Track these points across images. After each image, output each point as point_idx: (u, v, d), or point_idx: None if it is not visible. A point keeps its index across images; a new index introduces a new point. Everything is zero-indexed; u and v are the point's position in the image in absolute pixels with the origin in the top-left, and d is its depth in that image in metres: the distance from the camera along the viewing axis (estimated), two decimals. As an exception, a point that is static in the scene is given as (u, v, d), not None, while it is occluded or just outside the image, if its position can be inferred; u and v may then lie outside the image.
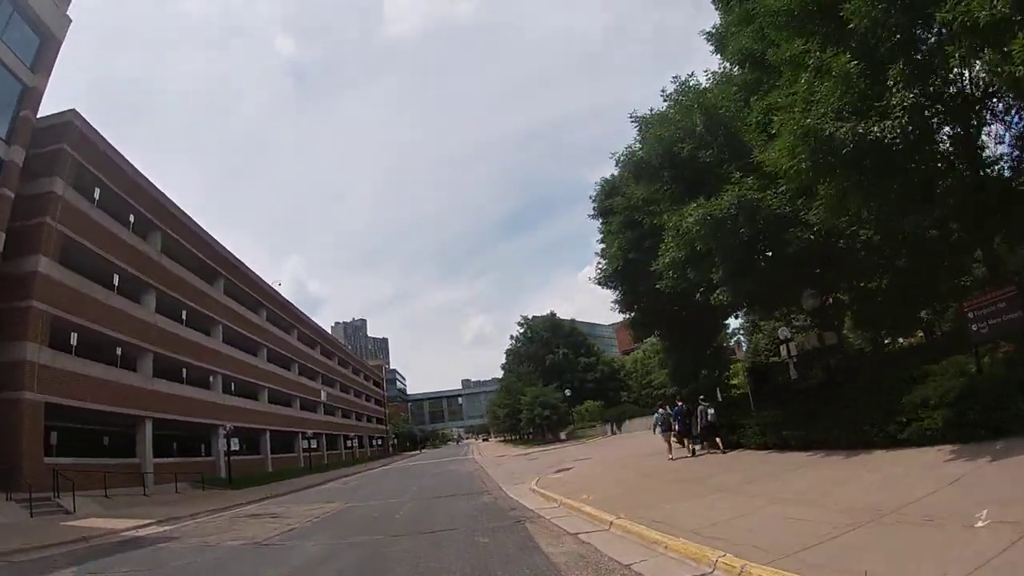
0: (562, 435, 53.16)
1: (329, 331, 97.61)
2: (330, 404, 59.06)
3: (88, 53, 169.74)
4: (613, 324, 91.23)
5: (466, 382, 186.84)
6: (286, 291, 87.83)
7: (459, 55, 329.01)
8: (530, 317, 70.66)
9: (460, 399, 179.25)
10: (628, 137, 33.31)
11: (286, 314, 52.12)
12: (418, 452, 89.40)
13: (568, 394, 53.19)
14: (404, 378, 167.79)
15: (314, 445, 48.06)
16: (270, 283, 49.43)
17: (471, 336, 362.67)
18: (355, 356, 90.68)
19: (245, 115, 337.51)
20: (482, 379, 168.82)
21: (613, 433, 48.07)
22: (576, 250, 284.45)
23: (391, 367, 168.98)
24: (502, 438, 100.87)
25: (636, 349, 62.74)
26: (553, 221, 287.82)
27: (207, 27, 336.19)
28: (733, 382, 28.27)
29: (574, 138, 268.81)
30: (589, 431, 52.01)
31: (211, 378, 35.84)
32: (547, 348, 65.15)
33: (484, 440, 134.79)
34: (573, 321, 73.11)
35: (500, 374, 78.25)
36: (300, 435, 47.80)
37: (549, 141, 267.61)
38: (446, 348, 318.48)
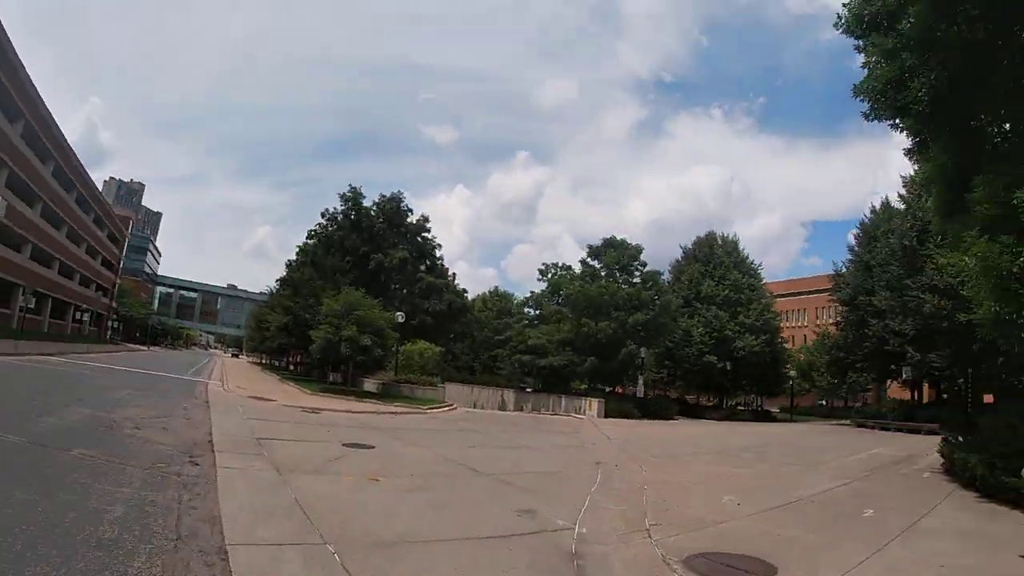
0: (370, 384, 38.07)
1: (100, 187, 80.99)
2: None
3: None
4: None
5: (232, 287, 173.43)
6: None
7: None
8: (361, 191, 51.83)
9: (220, 299, 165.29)
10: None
11: None
12: (146, 348, 76.22)
13: (401, 320, 35.19)
14: (159, 254, 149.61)
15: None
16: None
17: (250, 245, 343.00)
18: (97, 191, 67.60)
19: None
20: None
21: (481, 408, 34.13)
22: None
23: (156, 244, 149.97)
24: (258, 359, 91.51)
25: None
26: (375, 155, 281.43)
27: None
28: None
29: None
30: (422, 391, 34.13)
31: None
32: (377, 243, 48.94)
33: (234, 356, 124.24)
34: (425, 221, 53.46)
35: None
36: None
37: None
38: (223, 251, 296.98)
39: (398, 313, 35.33)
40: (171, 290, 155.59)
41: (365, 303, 31.81)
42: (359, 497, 8.24)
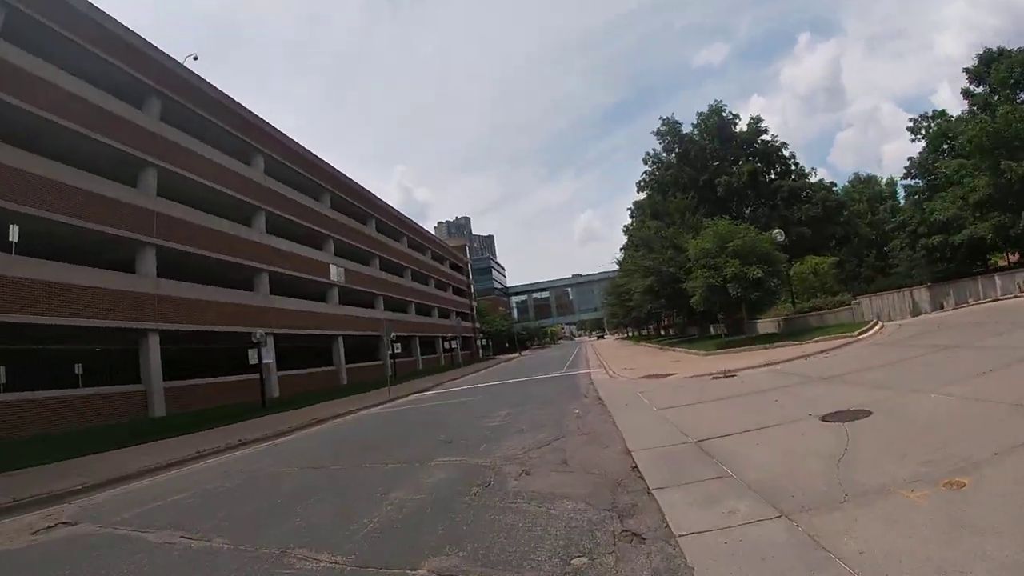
0: (765, 325, 31.33)
1: (432, 232, 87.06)
2: (364, 289, 44.63)
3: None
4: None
5: (576, 276, 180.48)
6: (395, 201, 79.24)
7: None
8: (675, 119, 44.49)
9: (570, 290, 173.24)
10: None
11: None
12: (516, 355, 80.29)
13: (781, 238, 27.95)
14: (503, 269, 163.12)
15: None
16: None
17: (579, 233, 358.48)
18: (424, 231, 71.45)
19: (337, 32, 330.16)
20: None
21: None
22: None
23: (498, 261, 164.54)
24: (624, 334, 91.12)
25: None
26: (655, 110, 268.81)
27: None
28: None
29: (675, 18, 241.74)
30: (833, 315, 26.44)
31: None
32: (714, 166, 41.85)
33: (599, 338, 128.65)
34: (758, 123, 42.85)
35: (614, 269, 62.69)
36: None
37: (649, 24, 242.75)
38: (556, 246, 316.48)
39: (775, 231, 28.05)
40: (524, 296, 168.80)
41: (738, 230, 25.42)
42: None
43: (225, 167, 30.80)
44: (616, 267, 60.35)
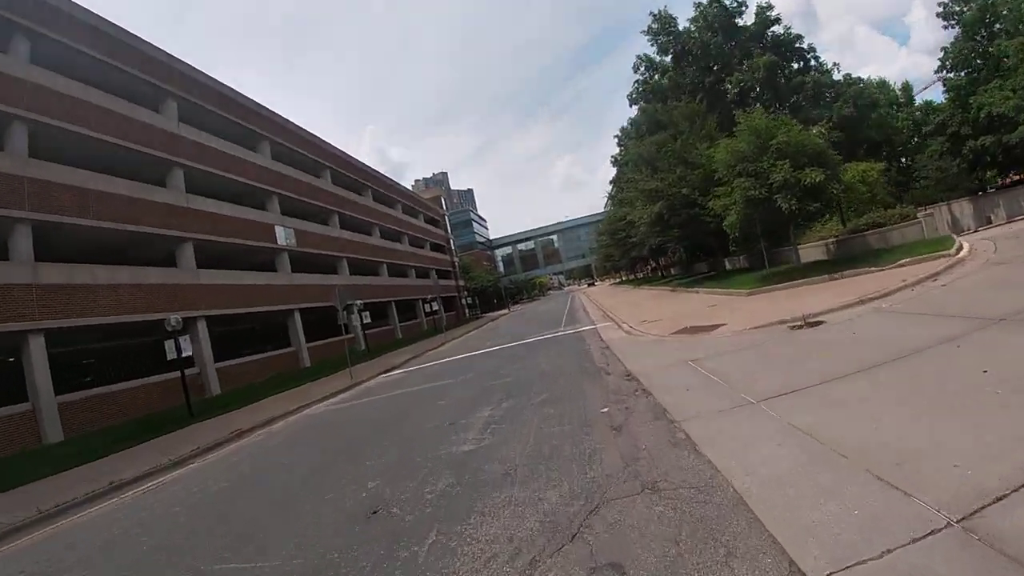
0: (809, 251, 25.83)
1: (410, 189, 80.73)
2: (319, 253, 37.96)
3: None
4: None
5: (561, 223, 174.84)
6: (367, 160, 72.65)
7: None
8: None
9: (556, 237, 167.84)
10: None
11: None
12: (506, 311, 74.11)
13: (822, 136, 22.60)
14: (484, 221, 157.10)
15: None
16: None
17: (559, 180, 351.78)
18: (392, 182, 62.75)
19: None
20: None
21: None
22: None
23: (479, 215, 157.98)
24: (618, 278, 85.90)
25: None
26: (629, 46, 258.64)
27: None
28: None
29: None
30: (899, 233, 21.35)
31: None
32: (722, 63, 35.41)
33: (590, 285, 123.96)
34: (767, 10, 35.95)
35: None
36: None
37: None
38: (536, 195, 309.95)
39: (813, 128, 22.46)
40: (508, 249, 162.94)
41: (780, 124, 19.46)
42: None
43: (129, 116, 25.01)
44: (605, 207, 54.89)
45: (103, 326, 21.56)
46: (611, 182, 51.12)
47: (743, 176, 18.69)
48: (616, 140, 54.15)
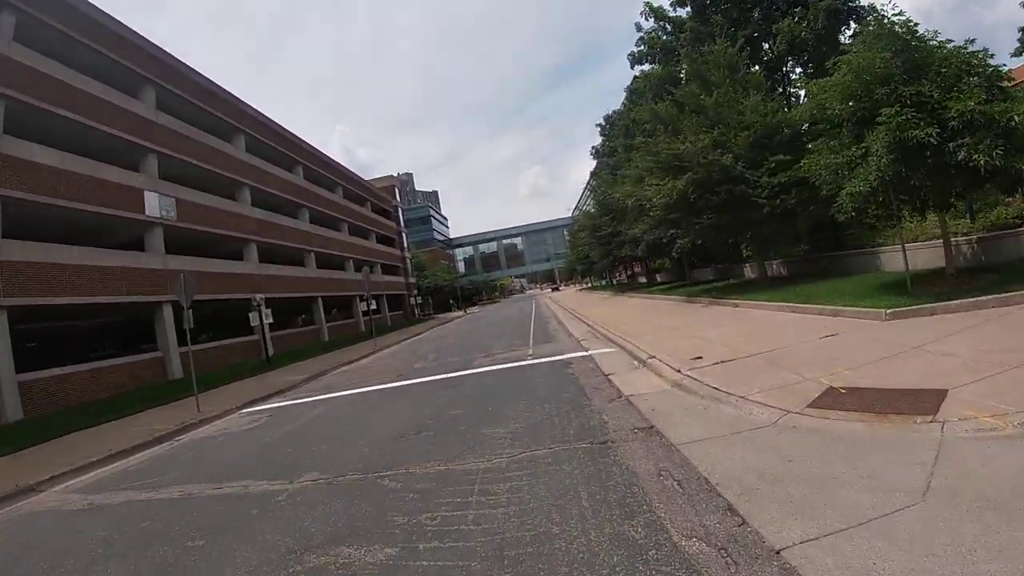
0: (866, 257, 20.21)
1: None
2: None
3: None
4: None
5: (528, 225, 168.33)
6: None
7: None
8: None
9: (520, 239, 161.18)
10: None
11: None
12: (461, 314, 68.20)
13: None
14: (446, 220, 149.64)
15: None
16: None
17: (526, 189, 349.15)
18: (333, 161, 54.50)
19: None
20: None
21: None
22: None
23: (441, 213, 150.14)
24: (586, 284, 79.87)
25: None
26: (606, 67, 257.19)
27: None
28: None
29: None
30: None
31: None
32: (752, 17, 29.04)
33: (554, 289, 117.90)
34: None
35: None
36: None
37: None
38: (501, 205, 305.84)
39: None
40: (470, 249, 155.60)
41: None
42: None
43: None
44: (574, 212, 48.47)
45: None
46: (592, 174, 44.62)
47: (890, 106, 11.22)
48: (599, 129, 47.81)
